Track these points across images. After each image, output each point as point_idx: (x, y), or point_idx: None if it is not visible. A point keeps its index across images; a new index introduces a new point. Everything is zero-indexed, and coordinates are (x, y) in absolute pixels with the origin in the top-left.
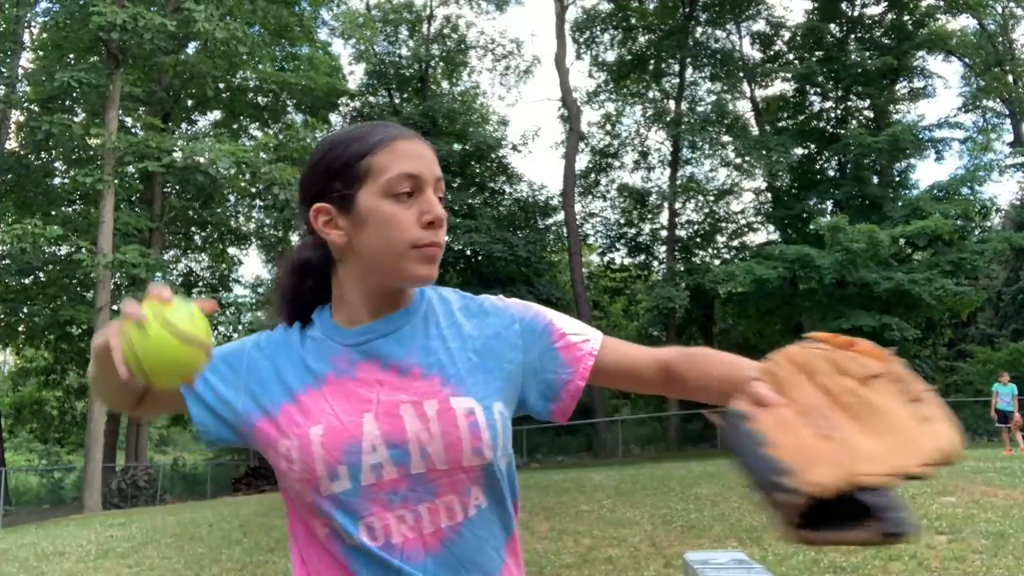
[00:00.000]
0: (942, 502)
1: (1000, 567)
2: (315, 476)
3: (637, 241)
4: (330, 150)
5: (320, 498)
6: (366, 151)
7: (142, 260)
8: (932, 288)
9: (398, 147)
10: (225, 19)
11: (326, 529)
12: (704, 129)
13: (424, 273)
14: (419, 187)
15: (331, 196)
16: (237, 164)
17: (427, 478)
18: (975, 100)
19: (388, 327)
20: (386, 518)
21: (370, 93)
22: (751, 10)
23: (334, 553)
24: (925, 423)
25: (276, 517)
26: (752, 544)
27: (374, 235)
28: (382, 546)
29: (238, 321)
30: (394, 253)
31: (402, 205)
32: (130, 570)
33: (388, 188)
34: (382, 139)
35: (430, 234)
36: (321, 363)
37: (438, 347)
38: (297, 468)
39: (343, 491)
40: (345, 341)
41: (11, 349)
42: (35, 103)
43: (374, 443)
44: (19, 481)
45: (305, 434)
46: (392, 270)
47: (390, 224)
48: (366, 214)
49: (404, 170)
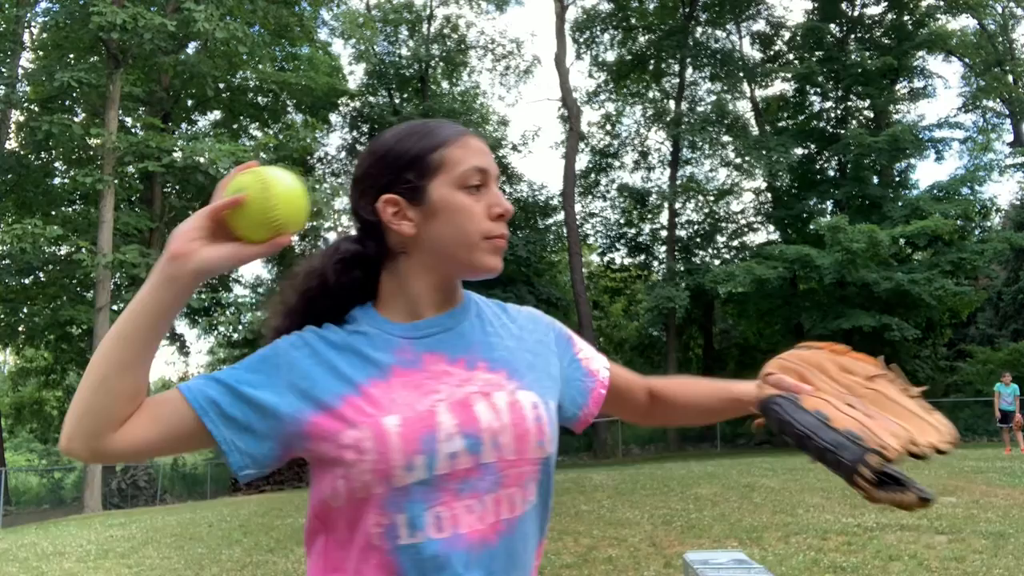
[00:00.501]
0: (942, 502)
1: (1000, 567)
2: (390, 466)
3: (637, 241)
4: (399, 141)
5: (392, 489)
6: (439, 144)
7: (142, 260)
8: (932, 288)
9: (470, 142)
10: (225, 19)
11: (380, 528)
12: (704, 129)
13: (493, 263)
14: (487, 181)
15: (401, 187)
16: (237, 164)
17: (497, 468)
18: (975, 100)
19: (451, 322)
20: (454, 507)
21: (370, 93)
22: (751, 10)
23: (384, 552)
24: (931, 412)
25: (276, 517)
26: (752, 544)
27: (447, 226)
28: (449, 537)
29: (238, 321)
30: (467, 243)
31: (473, 197)
32: (130, 570)
33: (462, 180)
34: (454, 133)
35: (499, 226)
36: (384, 355)
37: (497, 343)
38: (370, 459)
39: (417, 480)
40: (406, 334)
41: (11, 349)
42: (35, 103)
43: (449, 432)
44: (19, 481)
45: (378, 424)
46: (464, 260)
47: (464, 215)
48: (439, 205)
49: (476, 164)
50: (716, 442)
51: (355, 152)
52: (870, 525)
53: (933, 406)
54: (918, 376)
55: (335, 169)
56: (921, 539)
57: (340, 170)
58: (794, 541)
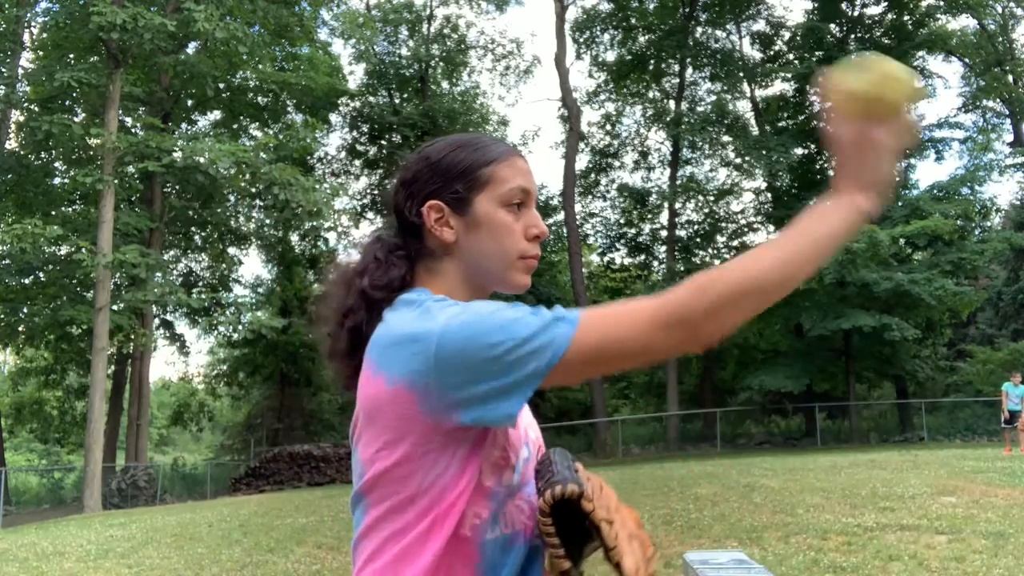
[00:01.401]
0: (942, 502)
1: (1000, 567)
2: (507, 464)
3: (637, 241)
4: (452, 152)
5: (499, 485)
6: (490, 160)
7: (142, 260)
8: (932, 288)
9: (517, 162)
10: (225, 19)
11: (479, 520)
12: (704, 129)
13: (524, 282)
14: (528, 202)
15: (448, 195)
16: (237, 164)
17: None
18: (975, 100)
19: None
20: (510, 507)
21: (370, 93)
22: (751, 10)
23: (473, 544)
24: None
25: (276, 517)
26: (752, 544)
27: (487, 240)
28: (511, 534)
29: (238, 321)
30: (504, 260)
31: (513, 216)
32: (130, 570)
33: (506, 198)
34: (505, 152)
35: (534, 247)
36: None
37: None
38: (497, 452)
39: (511, 484)
40: None
41: (11, 349)
42: (35, 103)
43: (524, 440)
44: (19, 481)
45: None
46: (498, 275)
47: (504, 232)
48: (482, 219)
49: (521, 184)
50: (716, 442)
51: (355, 152)
52: (870, 525)
53: (933, 406)
54: (918, 376)
55: (335, 169)
56: (921, 539)
57: (340, 170)
58: (794, 541)
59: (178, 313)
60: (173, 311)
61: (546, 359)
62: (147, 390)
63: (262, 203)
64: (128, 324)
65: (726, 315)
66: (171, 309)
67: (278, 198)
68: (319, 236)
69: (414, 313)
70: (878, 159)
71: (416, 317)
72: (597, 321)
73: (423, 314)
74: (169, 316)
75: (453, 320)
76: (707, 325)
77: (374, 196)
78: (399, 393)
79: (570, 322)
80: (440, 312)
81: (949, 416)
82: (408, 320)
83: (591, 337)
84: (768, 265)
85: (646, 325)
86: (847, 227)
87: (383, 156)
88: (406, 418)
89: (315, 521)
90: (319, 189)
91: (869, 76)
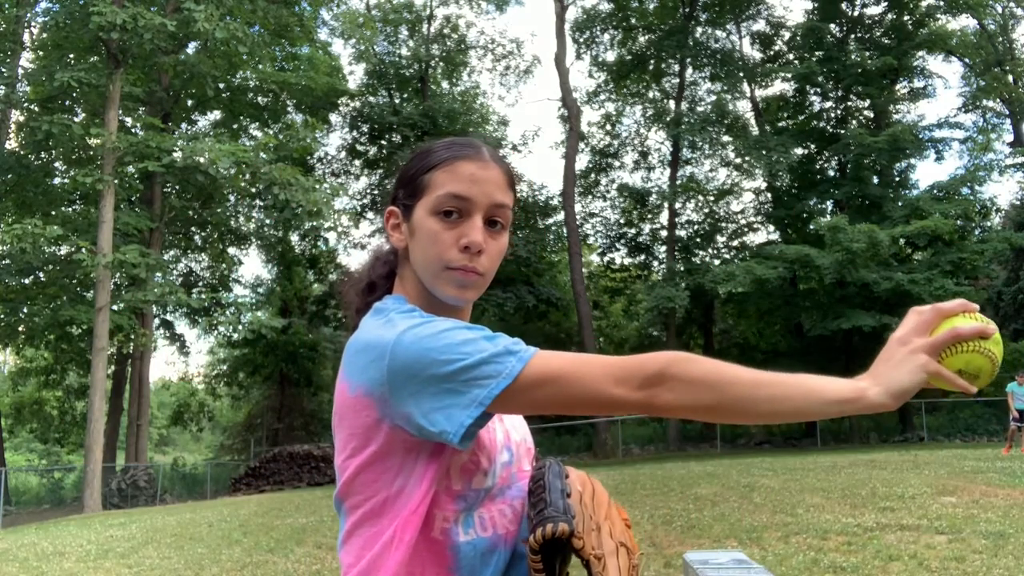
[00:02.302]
0: (942, 502)
1: (1000, 567)
2: (477, 469)
3: (637, 241)
4: (413, 157)
5: (468, 490)
6: (430, 166)
7: (142, 260)
8: (932, 288)
9: (459, 167)
10: (225, 19)
11: (447, 523)
12: (704, 129)
13: (452, 294)
14: (467, 210)
15: (400, 202)
16: (237, 164)
17: (518, 478)
18: (975, 100)
19: None
20: (492, 511)
21: (370, 93)
22: (751, 10)
23: (445, 546)
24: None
25: (276, 517)
26: (752, 544)
27: (418, 248)
28: (491, 536)
29: (238, 321)
30: (430, 270)
31: (445, 224)
32: (130, 570)
33: (436, 206)
34: (448, 157)
35: (464, 258)
36: None
37: None
38: (466, 457)
39: (485, 487)
40: None
41: (11, 349)
42: (35, 103)
43: (505, 444)
44: (19, 481)
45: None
46: (428, 285)
47: (430, 241)
48: (416, 226)
49: (452, 190)
50: (716, 442)
51: (355, 152)
52: (870, 525)
53: (933, 406)
54: None
55: (335, 169)
56: (921, 539)
57: (340, 170)
58: (794, 541)
59: (178, 313)
60: (173, 311)
61: (489, 388)
62: (147, 390)
63: (262, 203)
64: (128, 324)
65: (684, 397)
66: (171, 309)
67: (278, 198)
68: (319, 236)
69: (379, 321)
70: (917, 376)
71: (379, 326)
72: (555, 362)
73: (386, 323)
74: (169, 316)
75: (408, 332)
76: (664, 395)
77: (374, 196)
78: (359, 400)
79: (521, 358)
80: (400, 323)
81: (949, 416)
82: (372, 328)
83: (543, 373)
84: (745, 380)
85: (605, 376)
86: (841, 404)
87: (383, 156)
88: (367, 425)
89: (315, 521)
90: (319, 189)
91: (997, 350)
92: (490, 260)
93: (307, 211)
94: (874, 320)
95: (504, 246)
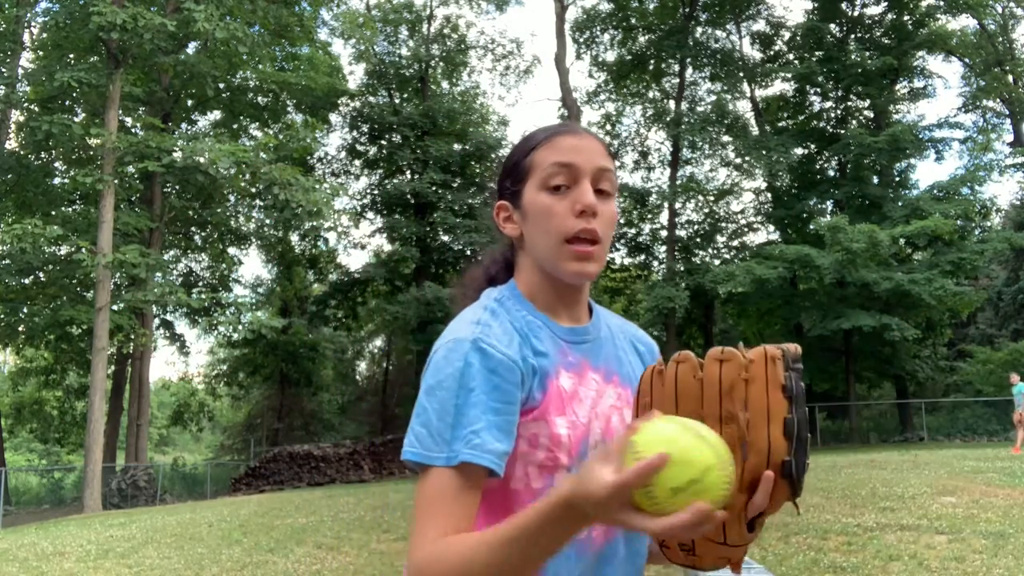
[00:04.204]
0: (942, 502)
1: (1000, 567)
2: (556, 465)
3: (637, 241)
4: (510, 151)
5: (551, 487)
6: (531, 147)
7: (142, 260)
8: (932, 288)
9: (557, 142)
10: (225, 19)
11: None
12: (704, 129)
13: (574, 270)
14: (575, 178)
15: (507, 193)
16: (237, 164)
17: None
18: (975, 100)
19: (593, 332)
20: None
21: (370, 93)
22: (751, 10)
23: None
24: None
25: (276, 517)
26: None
27: (535, 228)
28: (583, 538)
29: (238, 321)
30: (549, 247)
31: (557, 196)
32: (130, 570)
33: (545, 180)
34: (546, 135)
35: (581, 222)
36: (552, 353)
37: (625, 359)
38: (542, 454)
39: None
40: (563, 336)
41: (11, 349)
42: (35, 103)
43: (596, 441)
44: (19, 481)
45: (554, 422)
46: (552, 266)
47: (545, 215)
48: (528, 207)
49: (556, 160)
50: None
51: (355, 152)
52: (870, 525)
53: (933, 406)
54: (918, 376)
55: (335, 169)
56: (921, 539)
57: (340, 170)
58: (794, 541)
59: (178, 313)
60: (173, 311)
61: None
62: (147, 390)
63: (262, 203)
64: (128, 324)
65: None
66: (171, 309)
67: (278, 198)
68: (319, 236)
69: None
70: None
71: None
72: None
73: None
74: (169, 316)
75: (438, 351)
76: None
77: (374, 196)
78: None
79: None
80: (443, 337)
81: (949, 416)
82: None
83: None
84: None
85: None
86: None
87: (383, 156)
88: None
89: (315, 521)
90: (319, 189)
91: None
92: (605, 225)
93: (307, 211)
94: (874, 320)
95: (615, 212)
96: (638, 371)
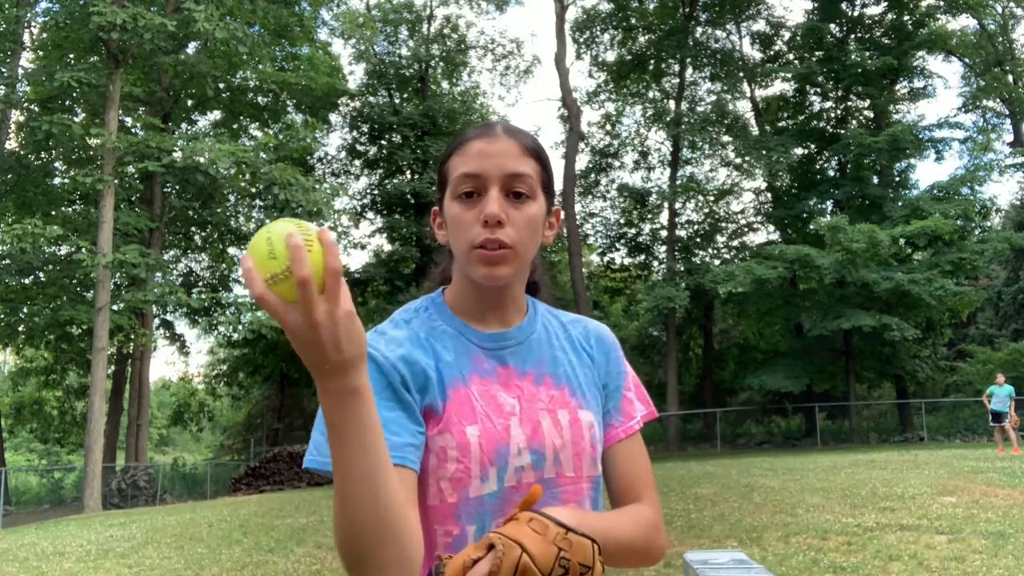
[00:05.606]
0: (942, 502)
1: (1000, 567)
2: (469, 476)
3: (637, 241)
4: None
5: (467, 499)
6: (447, 156)
7: (142, 260)
8: (932, 288)
9: (467, 148)
10: (225, 19)
11: (449, 538)
12: (704, 129)
13: (482, 273)
14: (482, 186)
15: (437, 200)
16: (237, 164)
17: (556, 483)
18: (975, 100)
19: (520, 335)
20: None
21: (370, 93)
22: (751, 10)
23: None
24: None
25: (276, 517)
26: (752, 544)
27: (452, 236)
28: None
29: (238, 321)
30: (461, 255)
31: (466, 205)
32: (130, 570)
33: (454, 190)
34: (459, 142)
35: (485, 232)
36: (462, 361)
37: (563, 359)
38: (452, 467)
39: (489, 492)
40: (481, 343)
41: (11, 349)
42: (35, 103)
43: (519, 447)
44: (19, 481)
45: (463, 432)
46: (466, 271)
47: (456, 225)
48: (447, 217)
49: (463, 170)
50: (716, 442)
51: (355, 152)
52: (870, 525)
53: (933, 406)
54: (918, 376)
55: (335, 169)
56: (921, 539)
57: (340, 170)
58: (794, 541)
59: (178, 313)
60: (173, 311)
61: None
62: (147, 390)
63: (262, 203)
64: (128, 324)
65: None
66: (171, 309)
67: (278, 198)
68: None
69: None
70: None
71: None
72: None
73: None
74: (169, 316)
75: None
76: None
77: (374, 196)
78: None
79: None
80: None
81: (949, 416)
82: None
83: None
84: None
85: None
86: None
87: (383, 156)
88: None
89: (315, 521)
90: (319, 189)
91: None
92: (517, 231)
93: (307, 211)
94: (874, 320)
95: (533, 215)
96: (580, 369)
